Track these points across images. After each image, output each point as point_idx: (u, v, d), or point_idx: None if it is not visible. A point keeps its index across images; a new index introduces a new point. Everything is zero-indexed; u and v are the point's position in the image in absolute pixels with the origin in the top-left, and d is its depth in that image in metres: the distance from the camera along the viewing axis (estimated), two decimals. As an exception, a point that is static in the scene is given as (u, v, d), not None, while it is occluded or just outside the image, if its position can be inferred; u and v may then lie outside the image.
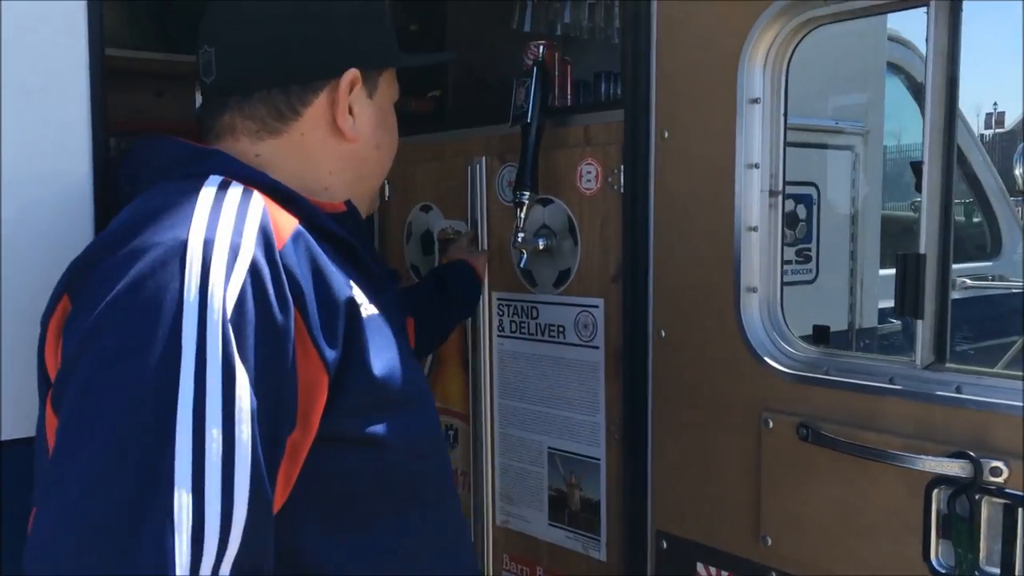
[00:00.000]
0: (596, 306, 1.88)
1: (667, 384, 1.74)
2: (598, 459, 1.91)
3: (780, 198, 1.59)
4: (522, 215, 1.89)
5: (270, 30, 1.20)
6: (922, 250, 1.34)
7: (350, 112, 1.24)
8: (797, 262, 2.16)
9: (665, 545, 1.77)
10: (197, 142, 1.22)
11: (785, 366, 1.54)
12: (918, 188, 1.31)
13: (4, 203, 1.22)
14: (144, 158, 1.18)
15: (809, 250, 2.18)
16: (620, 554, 1.88)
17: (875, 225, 2.34)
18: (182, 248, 0.95)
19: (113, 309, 0.92)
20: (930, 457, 1.29)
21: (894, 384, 1.39)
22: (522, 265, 1.98)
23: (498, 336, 2.13)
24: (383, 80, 1.30)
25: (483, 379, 2.16)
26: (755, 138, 1.57)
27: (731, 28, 1.55)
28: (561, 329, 1.97)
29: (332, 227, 1.16)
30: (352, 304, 1.08)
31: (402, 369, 1.14)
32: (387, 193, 2.41)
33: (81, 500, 0.85)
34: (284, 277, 0.99)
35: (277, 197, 1.11)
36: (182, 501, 0.85)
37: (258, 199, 1.05)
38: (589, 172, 1.86)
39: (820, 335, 1.64)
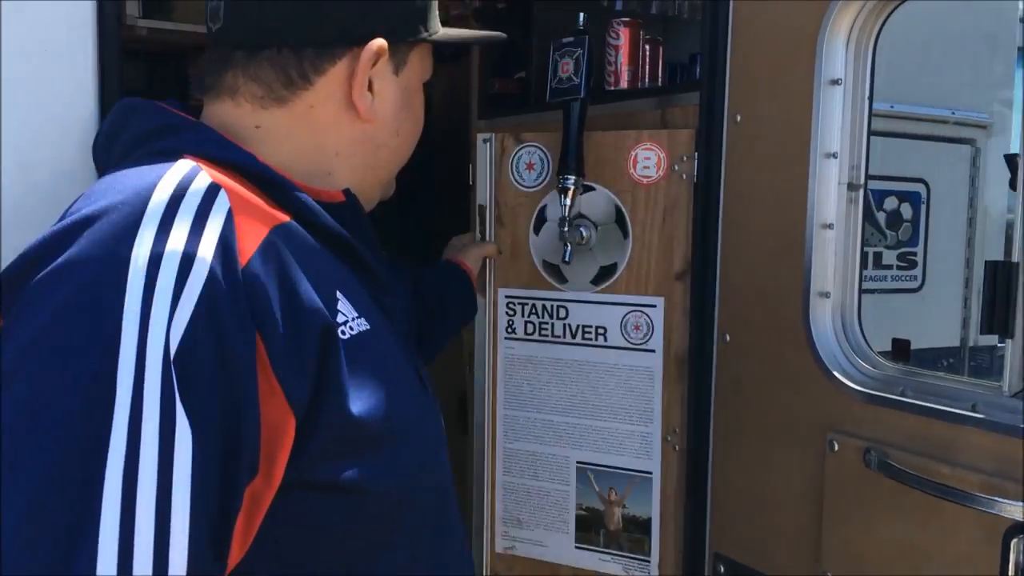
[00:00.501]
0: (653, 306, 1.71)
1: (729, 393, 1.58)
2: (649, 473, 1.74)
3: (861, 192, 1.41)
4: (567, 202, 1.68)
5: None
6: (1015, 257, 1.15)
7: (369, 88, 1.06)
8: (899, 267, 1.94)
9: (722, 570, 1.61)
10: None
11: (856, 383, 1.36)
12: (1012, 185, 1.12)
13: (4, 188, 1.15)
14: (116, 125, 1.02)
15: (914, 254, 1.95)
16: (676, 576, 1.73)
17: (998, 230, 2.08)
18: (121, 267, 0.79)
19: (31, 349, 0.78)
20: (1009, 501, 1.10)
21: (976, 412, 1.20)
22: (567, 259, 1.73)
23: (505, 339, 1.85)
24: (415, 56, 1.12)
25: (486, 387, 1.88)
26: (834, 124, 1.40)
27: (809, 1, 1.38)
28: (601, 331, 1.76)
29: (326, 222, 1.00)
30: (329, 330, 0.90)
31: (389, 400, 0.96)
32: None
33: None
34: (246, 300, 0.83)
35: (263, 185, 0.96)
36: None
37: (223, 199, 0.88)
38: (648, 158, 1.69)
39: (900, 350, 1.45)
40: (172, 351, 0.78)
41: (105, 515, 0.73)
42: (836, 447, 1.36)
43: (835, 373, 1.38)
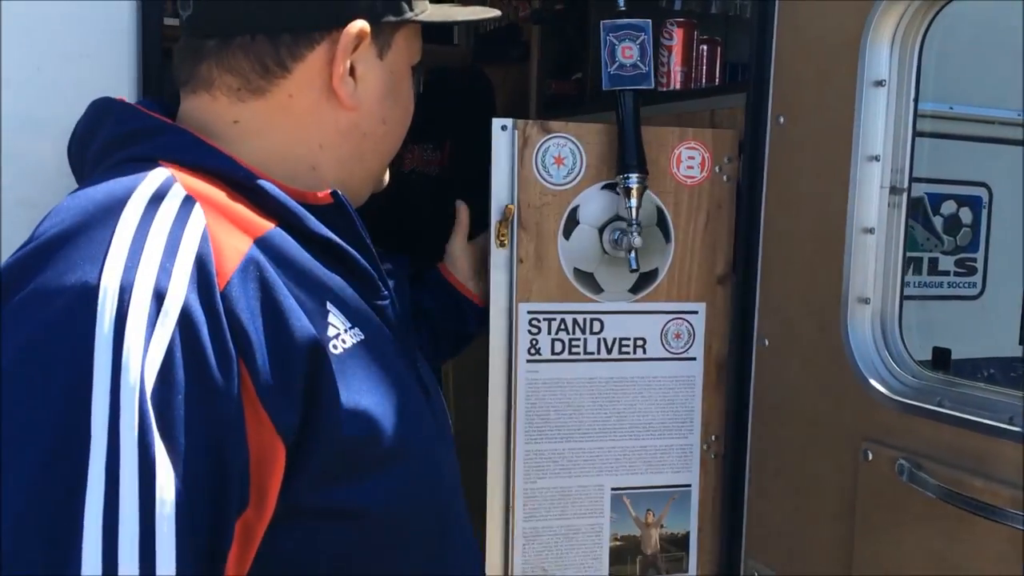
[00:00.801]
0: (695, 312, 1.65)
1: (767, 399, 1.56)
2: (688, 486, 1.67)
3: (905, 196, 1.37)
4: (633, 203, 1.52)
5: None
6: (1055, 265, 1.10)
7: (352, 74, 0.99)
8: (957, 273, 1.88)
9: (757, 576, 1.59)
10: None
11: (894, 392, 1.33)
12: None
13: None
14: (89, 128, 0.96)
15: (974, 260, 1.88)
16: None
17: (1068, 237, 2.00)
18: (90, 298, 0.73)
19: (3, 384, 0.72)
20: (1041, 517, 1.06)
21: (1012, 425, 1.16)
22: (635, 266, 1.55)
23: (527, 362, 1.59)
24: (401, 38, 1.04)
25: (509, 420, 1.58)
26: (877, 126, 1.36)
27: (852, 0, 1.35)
28: (640, 343, 1.62)
29: (313, 227, 0.93)
30: (317, 348, 0.84)
31: (385, 417, 0.91)
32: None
33: None
34: (226, 325, 0.78)
35: (243, 191, 0.90)
36: None
37: (199, 214, 0.82)
38: (692, 157, 1.62)
39: (940, 359, 1.40)
40: (148, 388, 0.72)
41: (86, 564, 0.68)
42: (870, 457, 1.33)
43: (871, 381, 1.35)
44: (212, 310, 0.77)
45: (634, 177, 1.52)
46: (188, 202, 0.83)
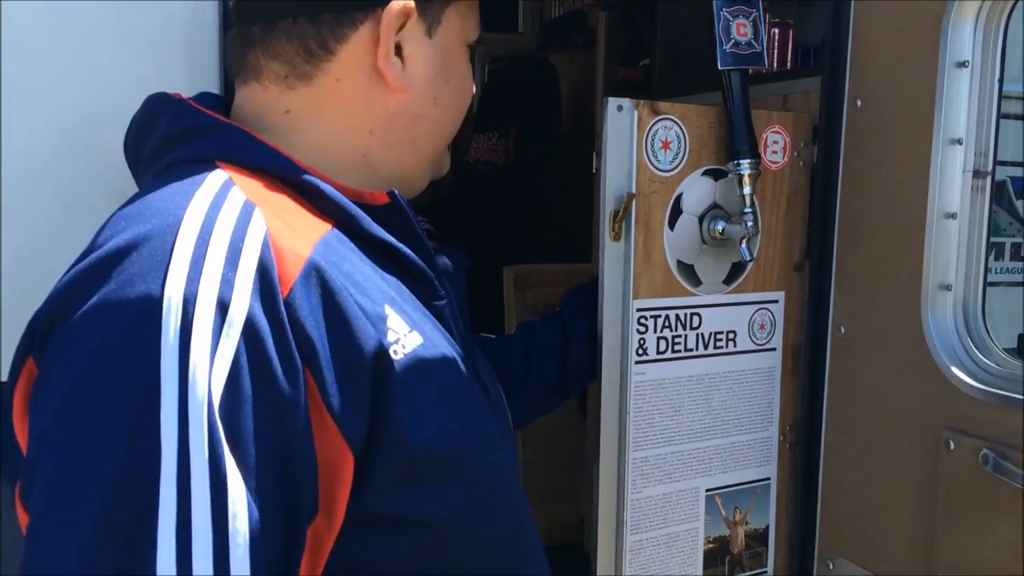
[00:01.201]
0: (776, 301, 1.62)
1: (842, 387, 1.54)
2: (768, 479, 1.65)
3: (989, 180, 1.34)
4: (747, 190, 1.45)
5: None
6: None
7: (398, 54, 0.96)
8: (1041, 260, 1.82)
9: (832, 568, 1.57)
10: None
11: (977, 379, 1.30)
12: None
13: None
14: (145, 124, 0.96)
15: (1059, 246, 1.83)
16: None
17: None
18: (154, 310, 0.72)
19: (70, 401, 0.72)
20: None
21: (1103, 414, 1.12)
22: (748, 257, 1.49)
23: (636, 363, 1.47)
24: (453, 14, 1.01)
25: (622, 427, 1.48)
26: (960, 109, 1.33)
27: (936, -23, 1.32)
28: (731, 336, 1.57)
29: (370, 229, 0.92)
30: (381, 354, 0.84)
31: (449, 424, 0.90)
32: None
33: None
34: (291, 334, 0.77)
35: (301, 191, 0.90)
36: None
37: (259, 220, 0.81)
38: (776, 142, 1.59)
39: (1027, 347, 1.37)
40: (215, 400, 0.72)
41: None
42: (952, 446, 1.30)
43: (953, 369, 1.32)
44: (276, 319, 0.77)
45: (747, 163, 1.46)
46: (248, 208, 0.82)
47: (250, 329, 0.75)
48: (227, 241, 0.78)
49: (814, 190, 1.61)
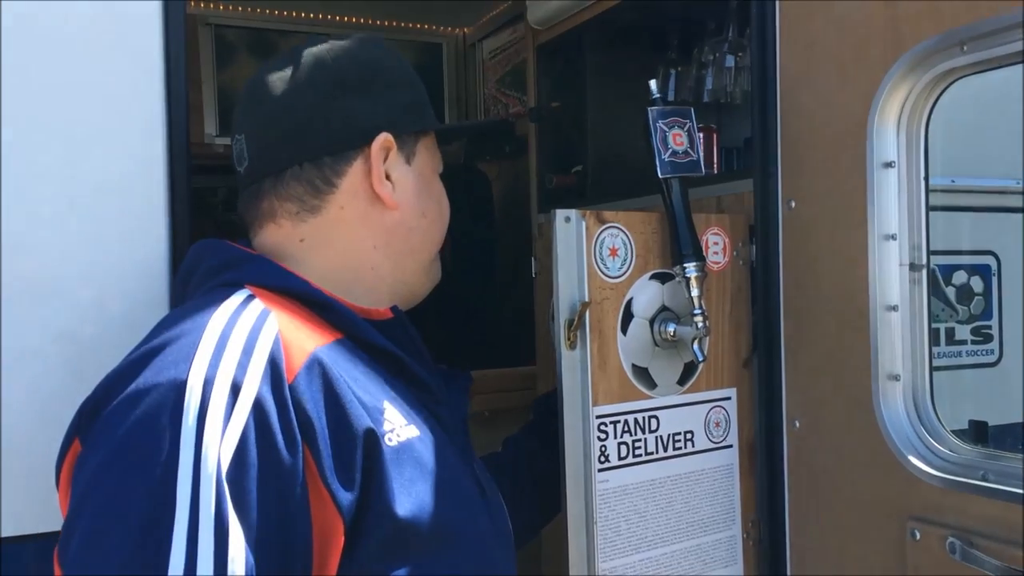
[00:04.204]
0: (728, 397, 1.64)
1: (803, 481, 1.55)
2: None
3: (925, 272, 1.39)
4: (695, 292, 1.49)
5: (292, 104, 1.15)
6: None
7: (388, 179, 1.18)
8: (974, 341, 1.89)
9: (807, 667, 1.55)
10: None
11: (934, 467, 1.32)
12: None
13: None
14: (191, 264, 1.15)
15: (989, 328, 1.90)
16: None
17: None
18: (180, 391, 0.89)
19: (106, 468, 0.88)
20: (1106, 592, 1.04)
21: (1062, 496, 1.15)
22: (701, 357, 1.52)
23: (599, 471, 1.46)
24: (422, 147, 1.25)
25: (591, 540, 1.44)
26: (890, 206, 1.39)
27: (856, 85, 1.39)
28: (689, 435, 1.58)
29: (375, 339, 1.08)
30: (373, 437, 0.97)
31: (439, 502, 1.01)
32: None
33: None
34: (293, 413, 0.92)
35: (315, 307, 1.07)
36: None
37: (272, 322, 0.98)
38: (716, 243, 1.64)
39: (979, 432, 1.40)
40: (224, 467, 0.86)
41: None
42: (918, 536, 1.31)
43: (910, 458, 1.34)
44: (281, 400, 0.91)
45: (692, 266, 1.50)
46: (264, 313, 0.99)
47: (258, 408, 0.90)
48: (244, 337, 0.94)
49: (755, 288, 1.65)
